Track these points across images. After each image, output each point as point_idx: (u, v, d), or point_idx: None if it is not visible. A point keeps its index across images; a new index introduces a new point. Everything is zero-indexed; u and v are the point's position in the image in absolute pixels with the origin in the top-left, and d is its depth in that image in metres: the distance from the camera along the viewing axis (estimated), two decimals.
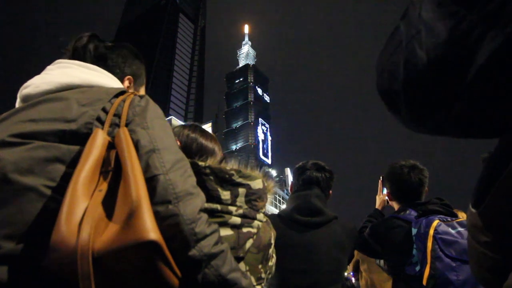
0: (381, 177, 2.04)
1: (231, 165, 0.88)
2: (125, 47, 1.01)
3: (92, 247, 0.50)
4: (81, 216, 0.52)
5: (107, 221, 0.54)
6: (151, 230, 0.52)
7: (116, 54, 0.96)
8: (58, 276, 0.52)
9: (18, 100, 0.77)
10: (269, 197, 0.95)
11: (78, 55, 0.90)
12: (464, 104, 0.37)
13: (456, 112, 0.38)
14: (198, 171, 0.82)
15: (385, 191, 2.00)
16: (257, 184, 0.89)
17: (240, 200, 0.85)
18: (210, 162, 0.86)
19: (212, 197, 0.81)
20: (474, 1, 0.34)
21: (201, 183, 0.81)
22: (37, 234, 0.55)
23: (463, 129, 0.41)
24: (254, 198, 0.88)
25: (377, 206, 2.03)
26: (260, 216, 0.89)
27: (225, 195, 0.83)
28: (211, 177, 0.83)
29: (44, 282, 0.53)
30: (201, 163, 0.84)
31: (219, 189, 0.83)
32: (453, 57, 0.36)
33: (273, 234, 0.94)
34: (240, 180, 0.86)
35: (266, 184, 0.93)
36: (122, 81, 0.95)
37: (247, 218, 0.84)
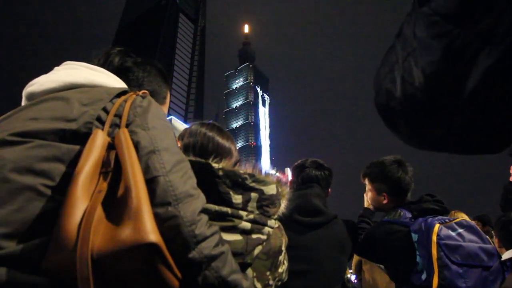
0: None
1: (245, 169, 0.86)
2: (151, 64, 1.01)
3: (92, 248, 0.50)
4: (80, 217, 0.52)
5: (107, 222, 0.54)
6: (151, 232, 0.52)
7: (139, 68, 0.97)
8: (57, 277, 0.52)
9: (23, 98, 0.77)
10: (283, 203, 0.92)
11: (104, 66, 0.90)
12: (462, 119, 0.37)
13: (455, 128, 0.39)
14: (211, 173, 0.82)
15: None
16: (270, 189, 0.87)
17: (252, 205, 0.84)
18: (224, 164, 0.85)
19: (223, 200, 0.80)
20: (467, 19, 0.34)
21: (214, 185, 0.81)
22: (37, 234, 0.54)
23: (461, 145, 0.41)
24: (266, 204, 0.86)
25: (366, 205, 1.97)
26: (271, 222, 0.87)
27: (237, 199, 0.82)
28: (224, 180, 0.82)
29: (43, 283, 0.52)
30: (215, 165, 0.83)
31: (231, 193, 0.82)
32: (449, 74, 0.36)
33: (284, 241, 0.92)
34: (253, 184, 0.85)
35: (280, 190, 0.91)
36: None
37: (258, 224, 0.83)
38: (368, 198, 1.91)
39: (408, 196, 1.68)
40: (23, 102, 0.77)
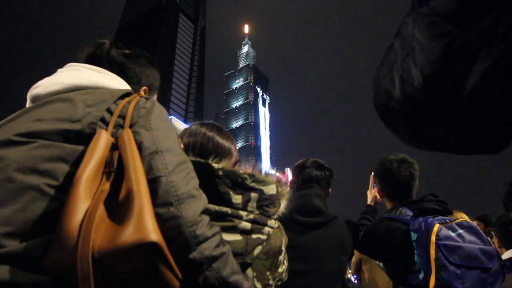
0: (372, 172, 1.99)
1: (245, 169, 0.87)
2: (143, 55, 1.02)
3: (92, 247, 0.50)
4: (82, 216, 0.52)
5: (108, 221, 0.54)
6: (152, 231, 0.52)
7: (134, 64, 0.97)
8: (59, 276, 0.52)
9: (28, 101, 0.78)
10: (283, 203, 0.92)
11: (98, 61, 0.90)
12: (462, 119, 0.37)
13: (455, 128, 0.39)
14: (211, 173, 0.82)
15: (375, 187, 1.97)
16: (270, 189, 0.87)
17: (252, 205, 0.83)
18: (223, 164, 0.85)
19: (223, 200, 0.80)
20: (467, 20, 0.34)
21: (213, 185, 0.81)
22: (39, 233, 0.55)
23: (461, 145, 0.41)
24: (266, 204, 0.86)
25: (368, 202, 1.98)
26: (271, 222, 0.87)
27: (237, 199, 0.82)
28: (224, 180, 0.82)
29: (45, 282, 0.52)
30: (215, 165, 0.83)
31: (231, 193, 0.82)
32: (448, 74, 0.36)
33: (284, 240, 0.92)
34: (253, 184, 0.85)
35: (280, 190, 0.91)
36: (137, 91, 0.97)
37: (258, 224, 0.83)
38: (370, 194, 1.94)
39: (412, 195, 1.66)
40: (28, 104, 0.77)
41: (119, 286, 0.54)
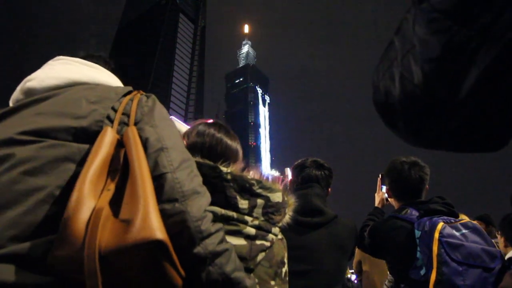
0: (380, 175, 2.02)
1: (252, 174, 0.87)
2: (99, 58, 0.96)
3: (99, 245, 0.50)
4: (88, 215, 0.52)
5: (114, 219, 0.54)
6: (157, 229, 0.53)
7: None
8: (64, 274, 0.52)
9: (18, 93, 0.76)
10: (289, 213, 0.92)
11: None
12: (460, 117, 0.37)
13: (453, 126, 0.38)
14: (219, 176, 0.82)
15: (384, 188, 1.97)
16: (276, 197, 0.88)
17: (257, 212, 0.84)
18: (232, 168, 0.85)
19: (230, 204, 0.81)
20: (467, 15, 0.34)
21: (221, 189, 0.81)
22: (44, 235, 0.54)
23: (460, 142, 0.41)
24: (272, 211, 0.86)
25: (376, 204, 1.99)
26: (275, 230, 0.87)
27: (243, 204, 0.82)
28: (232, 184, 0.82)
29: (47, 282, 0.52)
30: (224, 169, 0.83)
31: (238, 197, 0.82)
32: (448, 71, 0.36)
33: (286, 254, 0.92)
34: (259, 191, 0.85)
35: (286, 199, 0.91)
36: None
37: (262, 230, 0.83)
38: (378, 197, 1.95)
39: (421, 197, 1.67)
40: (18, 95, 0.75)
41: (124, 283, 0.54)
